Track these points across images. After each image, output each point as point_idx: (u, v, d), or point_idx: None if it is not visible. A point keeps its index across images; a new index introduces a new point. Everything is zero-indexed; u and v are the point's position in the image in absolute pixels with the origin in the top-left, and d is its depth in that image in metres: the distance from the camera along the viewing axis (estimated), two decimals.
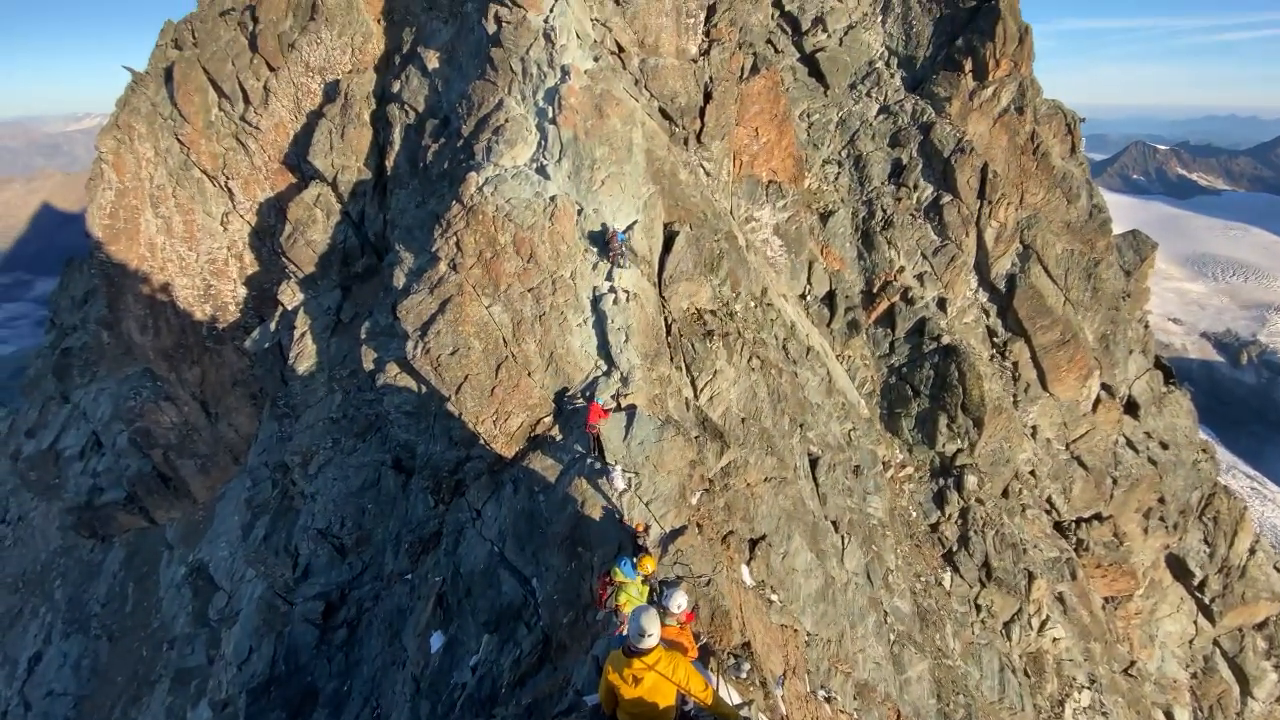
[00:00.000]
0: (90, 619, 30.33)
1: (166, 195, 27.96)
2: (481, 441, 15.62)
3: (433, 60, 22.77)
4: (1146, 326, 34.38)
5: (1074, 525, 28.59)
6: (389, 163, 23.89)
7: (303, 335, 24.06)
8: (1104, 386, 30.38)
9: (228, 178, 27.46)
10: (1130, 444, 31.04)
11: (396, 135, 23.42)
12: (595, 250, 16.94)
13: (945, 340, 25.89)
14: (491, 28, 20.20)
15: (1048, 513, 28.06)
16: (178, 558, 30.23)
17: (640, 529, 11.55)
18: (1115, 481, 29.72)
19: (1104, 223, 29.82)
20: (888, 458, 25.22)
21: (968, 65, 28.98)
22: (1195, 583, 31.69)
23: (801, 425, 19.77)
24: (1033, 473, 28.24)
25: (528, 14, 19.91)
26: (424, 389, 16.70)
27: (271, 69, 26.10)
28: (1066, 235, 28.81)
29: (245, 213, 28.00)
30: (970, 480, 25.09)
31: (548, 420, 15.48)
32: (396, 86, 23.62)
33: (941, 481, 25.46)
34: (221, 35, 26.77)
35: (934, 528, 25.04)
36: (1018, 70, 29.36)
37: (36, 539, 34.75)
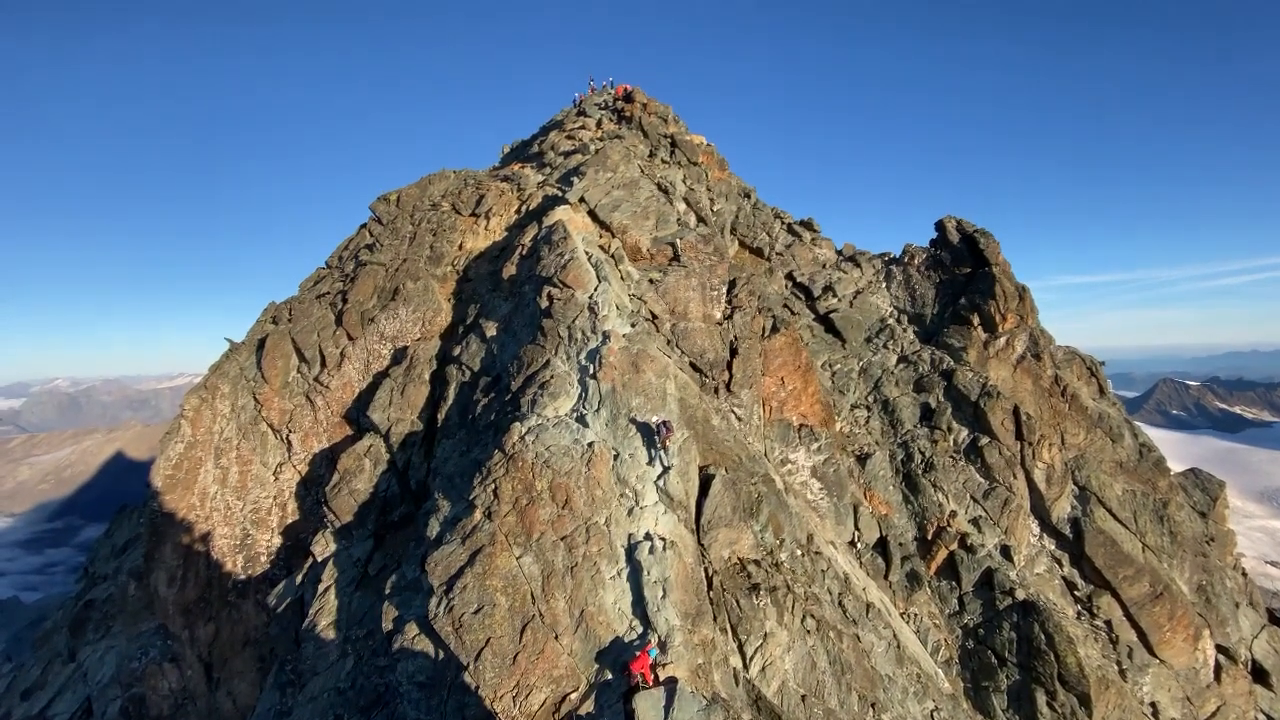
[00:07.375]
0: None
1: (231, 447, 29.83)
2: None
3: (491, 329, 25.79)
4: (1245, 574, 30.62)
5: None
6: (440, 415, 25.48)
7: (326, 590, 23.07)
8: (1220, 649, 25.97)
9: (290, 431, 29.46)
10: None
11: (451, 391, 25.40)
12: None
13: (1020, 595, 23.18)
14: (544, 303, 23.26)
15: None
16: None
17: None
18: None
19: (1158, 461, 28.70)
20: None
21: (975, 320, 31.27)
22: None
23: (874, 705, 16.82)
24: None
25: (575, 292, 23.04)
26: (442, 655, 15.20)
27: (350, 339, 29.83)
28: (1122, 476, 27.56)
29: (299, 463, 29.34)
30: None
31: (574, 698, 13.57)
32: (457, 351, 26.43)
33: None
34: (314, 313, 31.34)
35: None
36: (1024, 322, 31.50)
37: None
